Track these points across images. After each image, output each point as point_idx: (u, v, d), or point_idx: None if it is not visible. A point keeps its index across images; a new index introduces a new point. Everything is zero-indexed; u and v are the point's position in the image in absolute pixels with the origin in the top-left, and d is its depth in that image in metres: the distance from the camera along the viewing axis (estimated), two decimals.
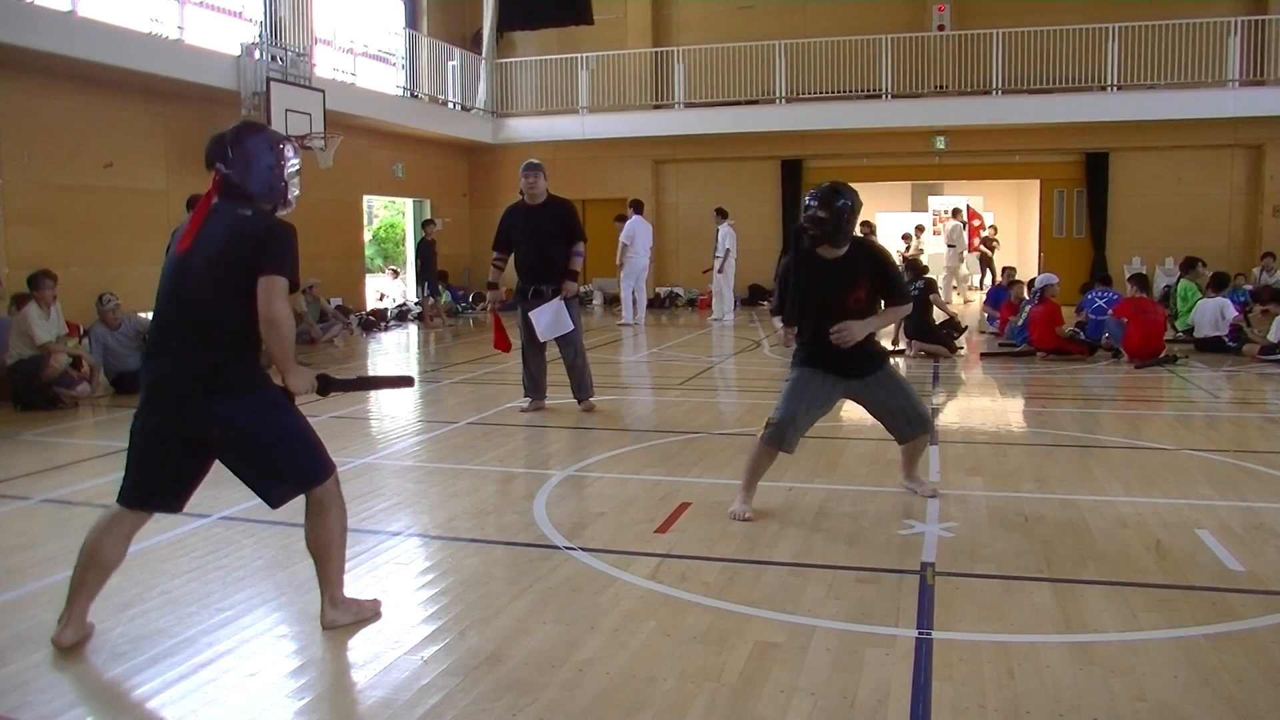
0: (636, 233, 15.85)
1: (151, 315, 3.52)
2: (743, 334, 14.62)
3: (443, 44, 18.91)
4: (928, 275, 12.26)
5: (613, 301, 16.78)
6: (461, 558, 4.46)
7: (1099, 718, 2.88)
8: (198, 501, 5.24)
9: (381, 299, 18.58)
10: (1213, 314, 11.49)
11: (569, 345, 7.87)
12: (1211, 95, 16.82)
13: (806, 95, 18.47)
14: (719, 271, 16.57)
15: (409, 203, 20.07)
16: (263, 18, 13.61)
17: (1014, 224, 21.90)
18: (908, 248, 19.36)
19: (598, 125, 19.33)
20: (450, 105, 19.08)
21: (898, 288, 5.05)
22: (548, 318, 7.68)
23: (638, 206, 16.35)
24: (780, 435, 4.85)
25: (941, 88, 18.04)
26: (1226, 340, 11.30)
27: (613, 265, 16.53)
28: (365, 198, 18.59)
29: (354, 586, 4.06)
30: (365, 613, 3.70)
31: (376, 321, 16.31)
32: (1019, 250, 21.02)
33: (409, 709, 2.99)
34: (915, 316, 11.55)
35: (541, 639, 3.49)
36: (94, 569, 3.49)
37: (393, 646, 3.45)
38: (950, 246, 20.33)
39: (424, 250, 16.72)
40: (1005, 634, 3.48)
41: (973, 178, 20.99)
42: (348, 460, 6.37)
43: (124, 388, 9.33)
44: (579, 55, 19.42)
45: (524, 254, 7.78)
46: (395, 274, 19.99)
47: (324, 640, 3.53)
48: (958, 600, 3.83)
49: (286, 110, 13.16)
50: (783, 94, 18.57)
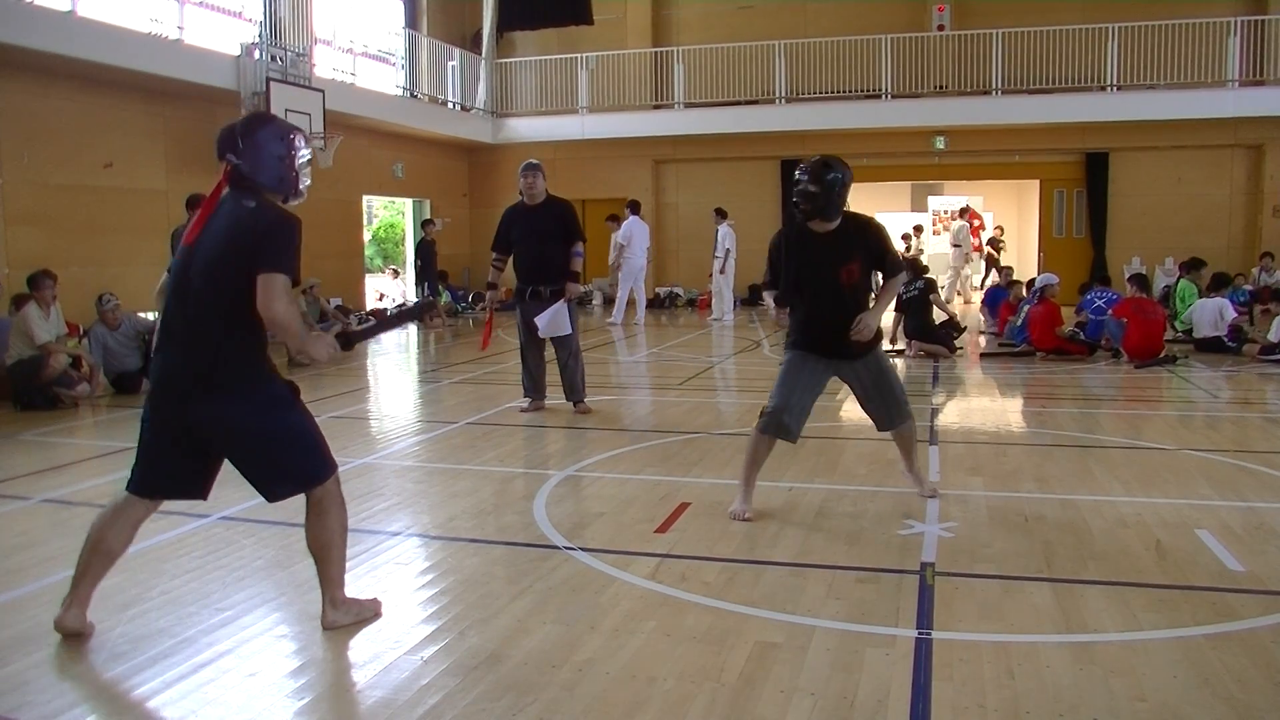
0: (634, 233, 15.88)
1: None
2: (743, 334, 14.63)
3: (442, 44, 18.92)
4: (927, 275, 12.25)
5: (611, 302, 16.79)
6: (461, 558, 4.45)
7: (1099, 718, 2.88)
8: (197, 502, 5.25)
9: (381, 299, 18.59)
10: (1212, 314, 11.49)
11: (564, 347, 7.87)
12: (1211, 95, 16.83)
13: (806, 95, 18.47)
14: (720, 272, 16.58)
15: (409, 203, 20.08)
16: (262, 18, 13.62)
17: (1014, 224, 21.89)
18: (907, 248, 19.38)
19: (598, 125, 19.34)
20: (450, 105, 19.09)
21: (891, 259, 5.02)
22: (549, 317, 7.70)
23: (635, 207, 16.36)
24: (776, 422, 4.83)
25: (941, 88, 18.05)
26: (1226, 340, 11.30)
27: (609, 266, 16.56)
28: (365, 198, 18.60)
29: (354, 586, 4.06)
30: (366, 613, 3.70)
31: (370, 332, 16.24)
32: (1019, 250, 21.03)
33: (409, 709, 2.99)
34: (915, 316, 11.58)
35: (541, 639, 3.49)
36: (99, 554, 3.52)
37: (393, 646, 3.45)
38: (956, 246, 20.32)
39: (424, 250, 16.73)
40: (1005, 634, 3.48)
41: (973, 178, 20.99)
42: (348, 460, 6.37)
43: (124, 388, 9.34)
44: (579, 55, 19.43)
45: (522, 254, 7.78)
46: (395, 274, 20.01)
47: (324, 640, 3.53)
48: (958, 600, 3.83)
49: (286, 110, 13.15)
50: (782, 94, 18.58)
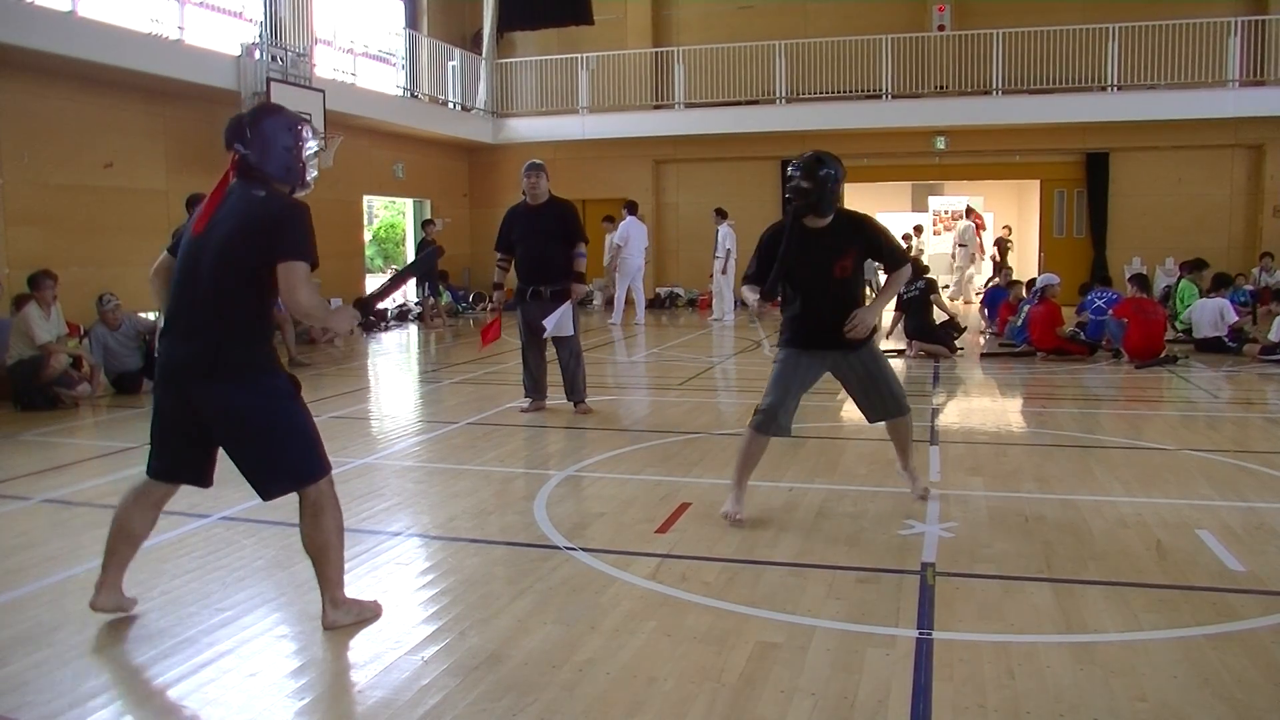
0: (630, 234, 15.89)
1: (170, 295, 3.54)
2: (743, 334, 14.62)
3: (443, 44, 18.92)
4: (928, 275, 12.25)
5: (611, 302, 16.80)
6: (462, 558, 4.45)
7: (1099, 718, 2.88)
8: (198, 501, 5.24)
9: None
10: (1212, 314, 11.48)
11: (564, 347, 7.88)
12: (1212, 95, 16.82)
13: (807, 95, 18.47)
14: (721, 272, 16.58)
15: (409, 203, 20.09)
16: (263, 18, 13.62)
17: (1014, 224, 21.86)
18: (908, 248, 19.38)
19: (598, 125, 19.33)
20: (450, 105, 19.09)
21: (890, 252, 4.96)
22: (557, 319, 7.73)
23: (632, 208, 16.38)
24: (771, 420, 4.82)
25: (942, 88, 18.04)
26: (1226, 340, 11.29)
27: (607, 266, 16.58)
28: (365, 198, 18.60)
29: (354, 586, 4.06)
30: (366, 613, 3.69)
31: (377, 321, 16.30)
32: (1019, 250, 21.00)
33: (409, 709, 2.99)
34: (916, 316, 11.58)
35: (542, 639, 3.49)
36: (124, 538, 3.61)
37: (393, 646, 3.45)
38: (961, 246, 20.33)
39: (424, 250, 16.72)
40: (1006, 634, 3.48)
41: (973, 178, 20.99)
42: (348, 460, 6.37)
43: (124, 388, 9.34)
44: (579, 55, 19.42)
45: (524, 254, 7.78)
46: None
47: (324, 640, 3.53)
48: (958, 600, 3.83)
49: None
50: (783, 94, 18.58)
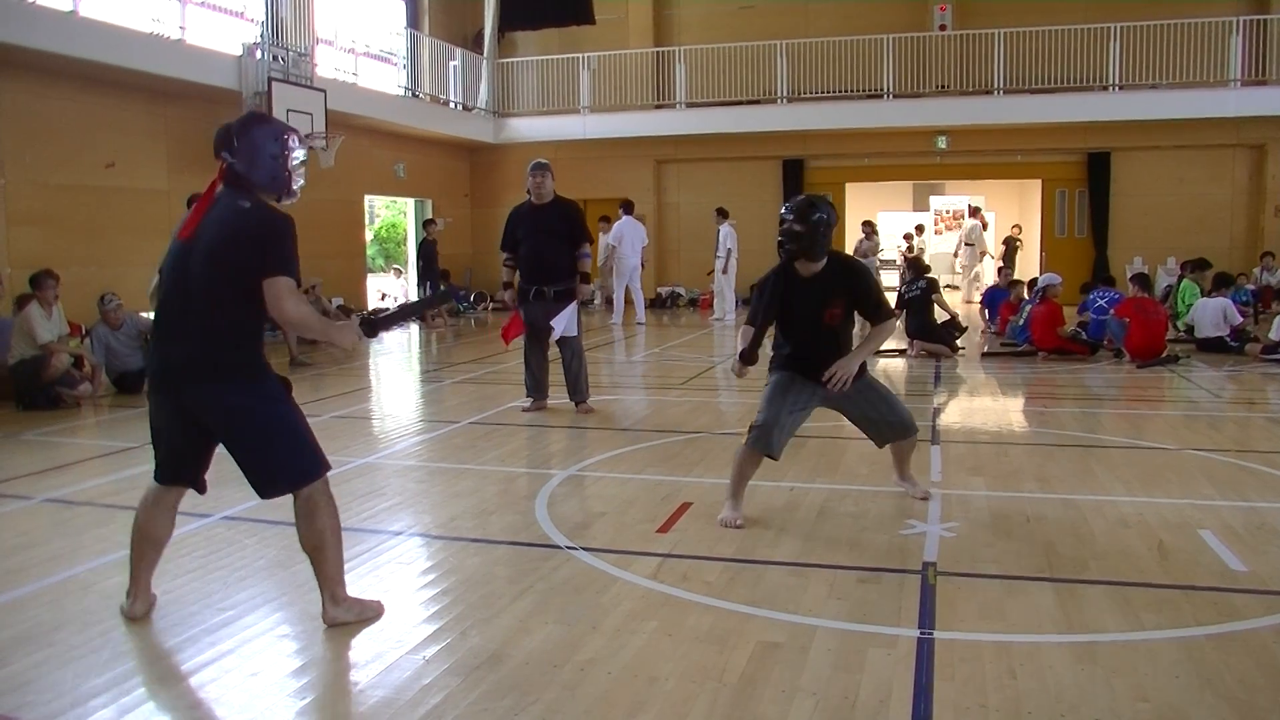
0: (624, 234, 15.87)
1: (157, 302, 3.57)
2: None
3: (444, 44, 18.92)
4: (929, 275, 12.25)
5: (611, 302, 16.80)
6: (463, 557, 4.46)
7: (1101, 718, 2.88)
8: (199, 501, 5.23)
9: (383, 298, 18.60)
10: (1214, 314, 11.46)
11: (567, 347, 7.89)
12: (1213, 95, 16.81)
13: (808, 95, 18.47)
14: (722, 272, 16.58)
15: (410, 202, 20.09)
16: (264, 18, 13.61)
17: (1016, 223, 21.86)
18: (909, 247, 19.38)
19: (599, 125, 19.33)
20: (452, 105, 19.09)
21: (876, 305, 4.91)
22: (566, 319, 7.77)
23: (627, 207, 16.38)
24: (765, 439, 4.77)
25: (943, 87, 18.04)
26: (1228, 340, 11.28)
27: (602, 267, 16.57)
28: (367, 197, 18.62)
29: (356, 586, 4.06)
30: (368, 612, 3.70)
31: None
32: (1021, 250, 20.98)
33: (411, 709, 2.99)
34: (917, 316, 11.59)
35: (543, 639, 3.49)
36: (147, 543, 3.69)
37: (395, 646, 3.45)
38: (968, 245, 20.32)
39: (426, 250, 16.73)
40: (1007, 634, 3.48)
41: (974, 177, 20.99)
42: (349, 460, 6.37)
43: (126, 388, 9.34)
44: (580, 55, 19.43)
45: (528, 254, 7.77)
46: (398, 273, 20.05)
47: (326, 640, 3.53)
48: (959, 600, 3.83)
49: (288, 110, 13.16)
50: (784, 94, 18.57)
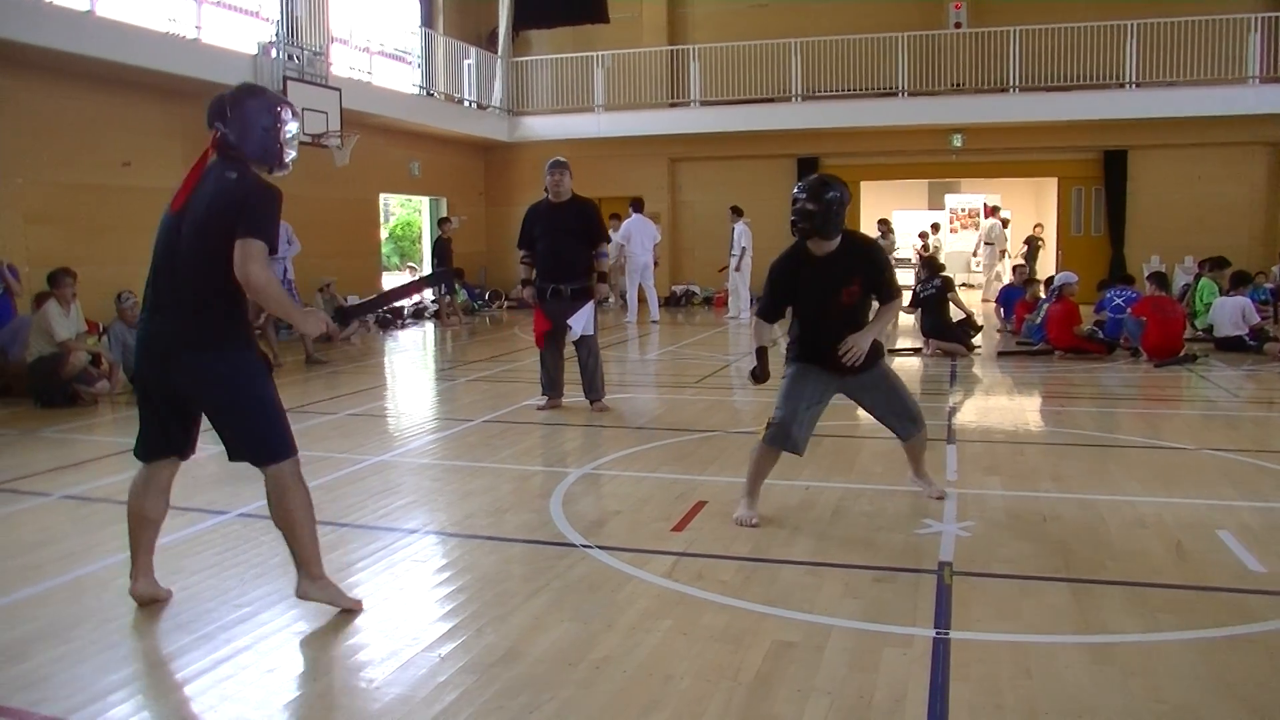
0: (633, 232, 15.84)
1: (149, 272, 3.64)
2: None
3: (458, 43, 18.95)
4: (944, 274, 12.21)
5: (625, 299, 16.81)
6: (478, 555, 4.46)
7: (1116, 719, 2.87)
8: (215, 498, 5.28)
9: None
10: (1232, 313, 11.38)
11: (583, 345, 7.90)
12: (1231, 92, 16.69)
13: (822, 93, 18.42)
14: (735, 270, 16.56)
15: (425, 201, 20.14)
16: (279, 17, 13.66)
17: (1031, 222, 21.74)
18: (925, 246, 19.32)
19: (613, 123, 19.32)
20: (466, 104, 19.11)
21: (888, 284, 4.94)
22: (585, 318, 7.79)
23: (637, 205, 16.38)
24: (784, 434, 4.77)
25: (958, 85, 17.97)
26: (1246, 339, 11.21)
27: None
28: (381, 196, 18.66)
29: (371, 583, 4.08)
30: (341, 600, 3.73)
31: (393, 319, 16.36)
32: (1043, 249, 20.83)
33: (426, 705, 3.00)
34: (932, 315, 11.54)
35: (558, 636, 3.49)
36: (142, 524, 3.73)
37: (410, 643, 3.46)
38: (988, 245, 20.26)
39: (440, 248, 16.76)
40: (1023, 634, 3.47)
41: (990, 176, 20.88)
42: (364, 457, 6.39)
43: None
44: (594, 54, 19.42)
45: (544, 252, 7.77)
46: (413, 271, 20.11)
47: (342, 637, 3.54)
48: (975, 600, 3.81)
49: (303, 109, 13.19)
50: (798, 92, 18.53)
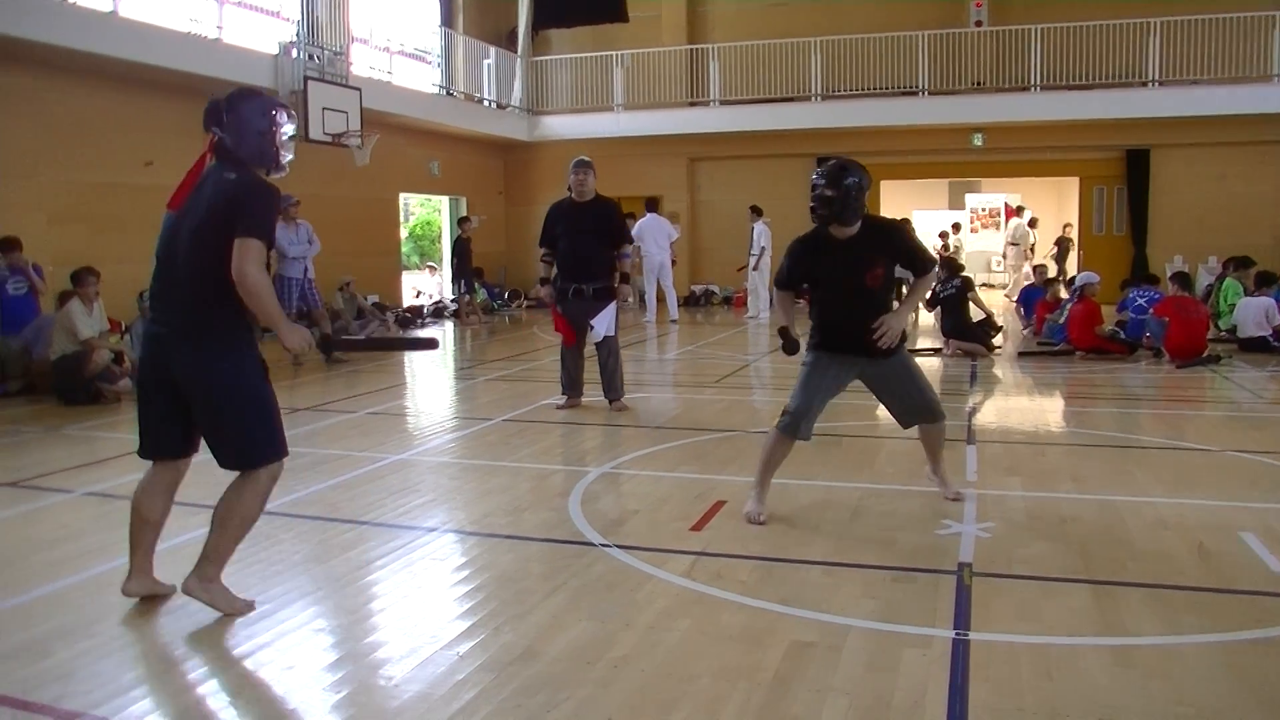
0: (645, 231, 15.78)
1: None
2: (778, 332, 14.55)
3: (478, 42, 18.99)
4: (964, 274, 12.16)
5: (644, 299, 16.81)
6: (497, 554, 4.47)
7: None
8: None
9: (418, 295, 18.71)
10: (1256, 314, 11.27)
11: (604, 345, 7.91)
12: (1255, 91, 16.49)
13: (842, 92, 18.35)
14: (754, 269, 16.53)
15: (445, 200, 20.19)
16: (300, 17, 13.72)
17: (1053, 221, 21.63)
18: (944, 245, 19.25)
19: (632, 123, 19.31)
20: (486, 103, 19.16)
21: (919, 257, 4.94)
22: (608, 319, 7.81)
23: (651, 205, 16.37)
24: (797, 424, 4.81)
25: (979, 84, 17.87)
26: (1271, 340, 11.10)
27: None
28: (401, 195, 18.72)
29: (390, 581, 4.10)
30: (224, 604, 3.67)
31: (413, 318, 16.43)
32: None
33: (444, 703, 3.01)
34: (952, 315, 11.50)
35: (576, 635, 3.49)
36: (142, 524, 3.73)
37: (429, 641, 3.47)
38: (1014, 245, 20.18)
39: (460, 248, 16.81)
40: (1043, 636, 3.45)
41: (1010, 175, 20.75)
42: (383, 456, 6.42)
43: None
44: (614, 53, 19.42)
45: (566, 251, 7.78)
46: (432, 271, 20.17)
47: (361, 634, 3.56)
48: (995, 601, 3.79)
49: (324, 108, 13.27)
50: (818, 91, 18.47)
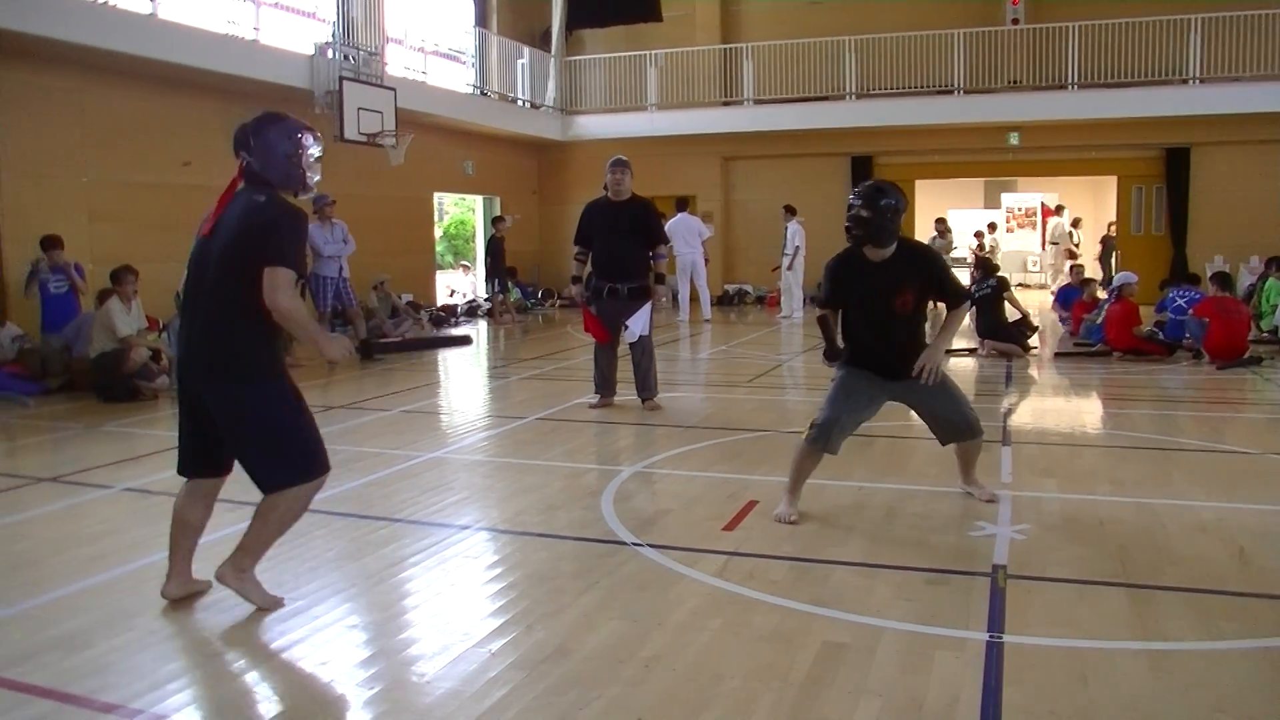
0: (675, 230, 15.69)
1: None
2: (811, 331, 14.49)
3: (512, 42, 19.06)
4: (1000, 274, 12.05)
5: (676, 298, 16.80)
6: (529, 552, 4.49)
7: None
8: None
9: (452, 295, 18.81)
10: None
11: (638, 345, 7.92)
12: None
13: (877, 91, 18.25)
14: (788, 269, 16.47)
15: (479, 200, 20.28)
16: (335, 18, 13.84)
17: (1091, 221, 21.41)
18: (980, 245, 19.09)
19: (666, 122, 19.29)
20: (520, 103, 19.22)
21: (952, 289, 4.90)
22: (644, 319, 7.83)
23: (681, 204, 16.36)
24: (825, 437, 4.78)
25: (1015, 83, 17.69)
26: None
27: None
28: (436, 195, 18.83)
29: (423, 578, 4.12)
30: (259, 599, 3.73)
31: (447, 317, 16.51)
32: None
33: (476, 701, 3.02)
34: (987, 315, 11.40)
35: (608, 634, 3.50)
36: (182, 529, 3.84)
37: (461, 639, 3.49)
38: (1054, 244, 20.03)
39: (493, 247, 16.87)
40: (1078, 639, 3.41)
41: (1047, 174, 20.54)
42: (417, 454, 6.45)
43: None
44: (648, 52, 19.41)
45: (601, 250, 7.81)
46: (466, 270, 20.27)
47: (394, 631, 3.58)
48: (1029, 604, 3.76)
49: (359, 109, 13.37)
50: (852, 90, 18.37)
